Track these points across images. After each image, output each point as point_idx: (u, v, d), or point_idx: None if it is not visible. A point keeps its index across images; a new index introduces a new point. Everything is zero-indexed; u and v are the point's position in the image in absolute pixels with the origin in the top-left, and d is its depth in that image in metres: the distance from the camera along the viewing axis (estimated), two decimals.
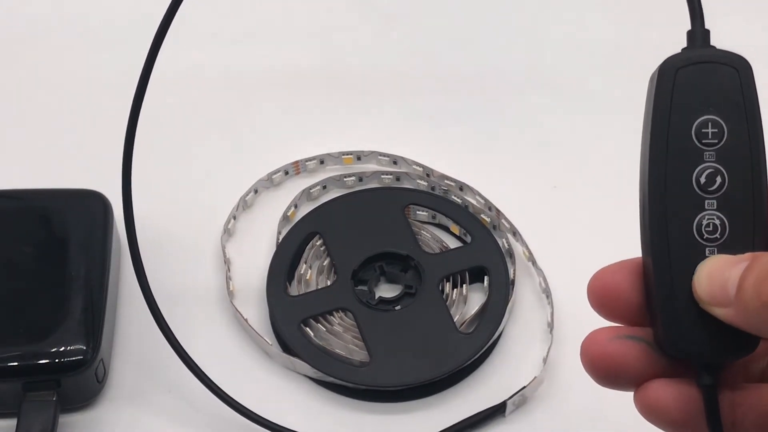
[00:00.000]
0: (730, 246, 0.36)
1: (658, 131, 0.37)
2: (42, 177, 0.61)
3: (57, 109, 0.66)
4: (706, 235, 0.36)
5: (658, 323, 0.37)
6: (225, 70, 0.68)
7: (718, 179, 0.36)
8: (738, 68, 0.37)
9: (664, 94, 0.37)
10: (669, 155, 0.36)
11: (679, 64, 0.37)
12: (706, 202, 0.36)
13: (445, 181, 0.61)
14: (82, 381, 0.51)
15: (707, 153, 0.36)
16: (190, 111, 0.66)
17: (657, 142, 0.36)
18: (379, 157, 0.63)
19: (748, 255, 0.35)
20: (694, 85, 0.37)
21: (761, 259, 0.34)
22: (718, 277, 0.35)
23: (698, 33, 0.38)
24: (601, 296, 0.38)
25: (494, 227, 0.60)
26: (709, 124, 0.36)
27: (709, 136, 0.36)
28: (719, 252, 0.36)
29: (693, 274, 0.36)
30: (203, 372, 0.53)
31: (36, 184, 0.58)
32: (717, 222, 0.36)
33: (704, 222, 0.36)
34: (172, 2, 0.46)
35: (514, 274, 0.57)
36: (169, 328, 0.52)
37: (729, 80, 0.36)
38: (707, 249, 0.36)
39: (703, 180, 0.36)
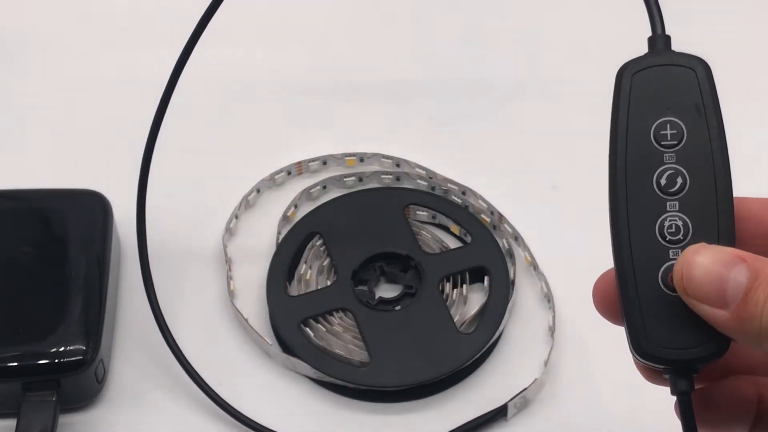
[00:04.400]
0: None
1: (617, 135, 0.37)
2: (42, 177, 0.61)
3: (57, 110, 0.66)
4: (669, 237, 0.36)
5: (626, 329, 0.36)
6: (231, 70, 0.68)
7: (679, 180, 0.36)
8: (695, 69, 0.36)
9: (621, 98, 0.37)
10: (629, 159, 0.36)
11: (636, 68, 0.37)
12: (668, 203, 0.36)
13: (448, 185, 0.61)
14: (81, 381, 0.51)
15: (667, 154, 0.36)
16: (200, 110, 0.66)
17: (617, 146, 0.36)
18: (382, 159, 0.63)
19: (738, 254, 0.34)
20: (651, 88, 0.36)
21: (766, 272, 0.34)
22: (716, 275, 0.34)
23: (658, 38, 0.38)
24: (603, 299, 0.38)
25: (494, 227, 0.60)
26: (668, 126, 0.36)
27: (668, 138, 0.36)
28: None
29: (657, 276, 0.36)
30: (206, 382, 0.53)
31: (36, 184, 0.58)
32: (679, 223, 0.36)
33: (666, 224, 0.36)
34: (205, 12, 0.46)
35: (515, 274, 0.57)
36: (173, 338, 0.53)
37: (686, 81, 0.36)
38: (670, 251, 0.36)
39: (663, 182, 0.36)
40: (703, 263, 0.35)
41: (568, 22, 0.72)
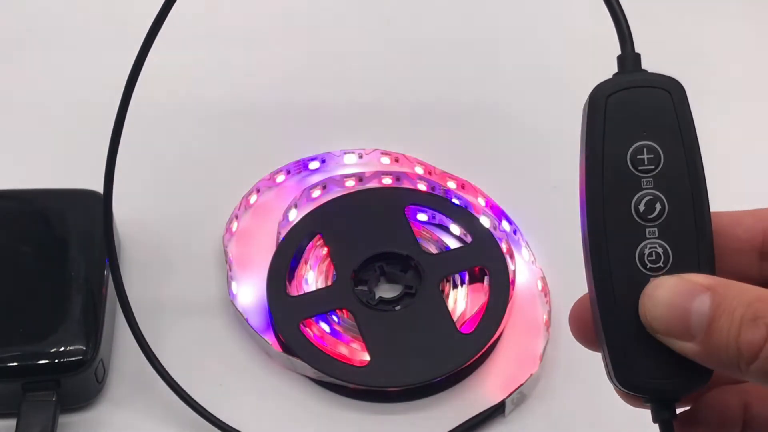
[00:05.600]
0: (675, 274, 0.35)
1: (592, 161, 0.35)
2: (42, 177, 0.61)
3: (56, 109, 0.66)
4: (649, 265, 0.35)
5: (607, 358, 0.36)
6: (228, 69, 0.68)
7: (658, 206, 0.35)
8: (670, 90, 0.35)
9: (595, 122, 0.35)
10: (606, 184, 0.35)
11: (610, 91, 0.36)
12: (647, 230, 0.35)
13: (447, 179, 0.61)
14: (81, 381, 0.51)
15: (645, 180, 0.35)
16: (200, 110, 0.66)
17: (593, 172, 0.35)
18: (381, 155, 0.63)
19: (703, 282, 0.34)
20: (626, 111, 0.35)
21: (729, 299, 0.33)
22: (677, 308, 0.34)
23: (629, 57, 0.37)
24: (578, 326, 0.38)
25: (494, 227, 0.60)
26: (645, 150, 0.35)
27: (645, 162, 0.35)
28: None
29: (638, 304, 0.35)
30: (184, 390, 0.53)
31: (35, 184, 0.58)
32: (659, 250, 0.35)
33: (646, 251, 0.35)
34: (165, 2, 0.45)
35: (514, 274, 0.57)
36: (153, 352, 0.53)
37: (661, 103, 0.35)
38: (651, 279, 0.35)
39: (642, 208, 0.35)
40: (664, 297, 0.34)
41: (570, 21, 0.72)
